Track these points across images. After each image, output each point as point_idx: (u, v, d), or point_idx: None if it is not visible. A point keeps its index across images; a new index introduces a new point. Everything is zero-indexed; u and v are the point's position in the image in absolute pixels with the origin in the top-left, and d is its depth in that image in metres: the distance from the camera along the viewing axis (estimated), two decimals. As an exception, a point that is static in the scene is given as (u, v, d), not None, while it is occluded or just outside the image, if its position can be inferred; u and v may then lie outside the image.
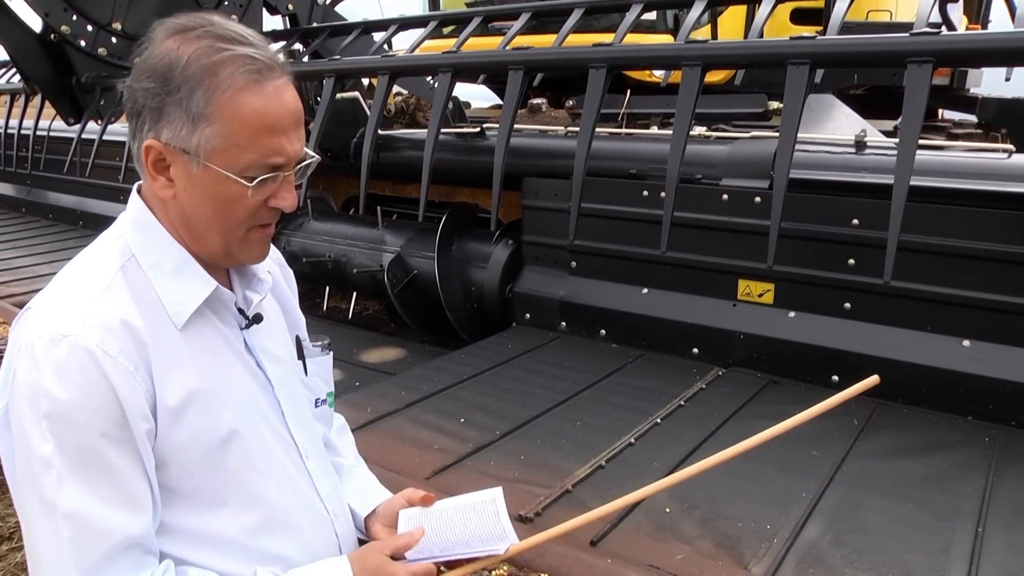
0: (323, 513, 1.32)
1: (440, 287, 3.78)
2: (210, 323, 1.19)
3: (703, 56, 2.24)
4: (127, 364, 1.05)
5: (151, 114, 1.10)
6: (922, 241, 2.61)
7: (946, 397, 2.61)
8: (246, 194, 1.11)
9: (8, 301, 4.06)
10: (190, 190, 1.12)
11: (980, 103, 4.06)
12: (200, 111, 1.07)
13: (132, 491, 1.06)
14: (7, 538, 2.65)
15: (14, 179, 6.85)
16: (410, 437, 2.48)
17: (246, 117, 1.08)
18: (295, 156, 1.15)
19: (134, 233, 1.17)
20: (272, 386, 1.26)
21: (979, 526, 1.97)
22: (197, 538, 1.14)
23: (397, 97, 4.85)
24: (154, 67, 1.09)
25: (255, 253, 1.21)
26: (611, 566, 1.79)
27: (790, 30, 4.61)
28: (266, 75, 1.09)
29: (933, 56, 2.01)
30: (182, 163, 1.10)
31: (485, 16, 3.47)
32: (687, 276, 3.17)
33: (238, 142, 1.09)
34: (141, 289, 1.13)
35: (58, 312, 1.08)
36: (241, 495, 1.18)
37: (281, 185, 1.15)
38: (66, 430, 1.01)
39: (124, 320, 1.08)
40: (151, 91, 1.09)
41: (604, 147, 3.42)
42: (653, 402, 2.70)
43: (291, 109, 1.13)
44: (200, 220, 1.14)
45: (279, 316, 1.37)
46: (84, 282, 1.12)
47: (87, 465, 1.02)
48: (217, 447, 1.15)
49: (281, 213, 1.19)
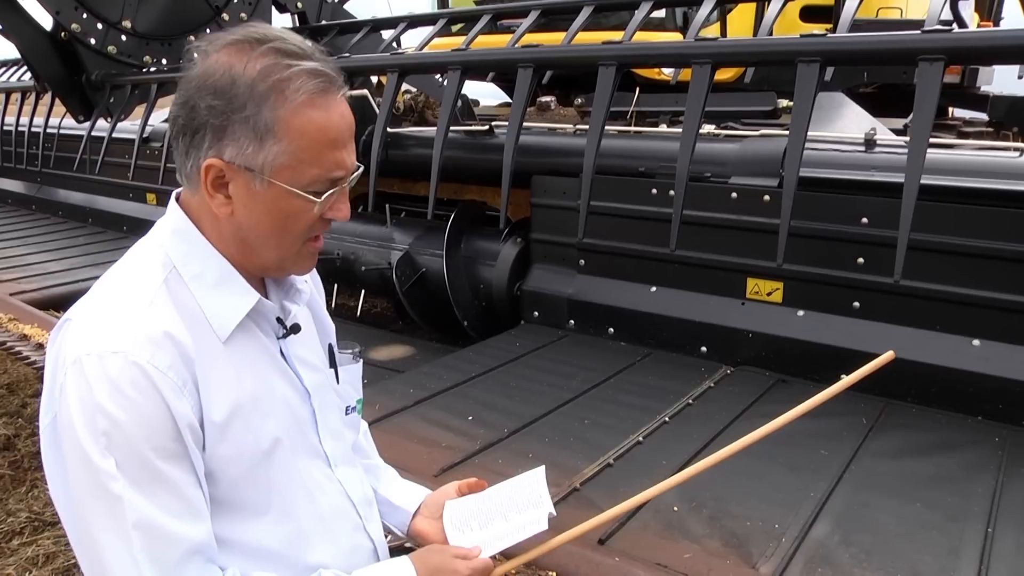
0: (355, 519, 1.33)
1: (449, 285, 3.79)
2: (251, 334, 1.19)
3: (713, 54, 2.24)
4: (176, 379, 1.06)
5: (213, 132, 1.07)
6: (932, 240, 2.60)
7: (956, 397, 2.60)
8: (310, 209, 1.11)
9: (19, 298, 4.08)
10: (250, 207, 1.11)
11: (991, 101, 4.05)
12: (268, 128, 1.06)
13: (192, 501, 1.07)
14: (18, 533, 2.66)
15: (24, 176, 6.89)
16: (418, 435, 2.49)
17: (313, 133, 1.08)
18: (352, 168, 1.15)
19: (175, 244, 1.15)
20: (309, 395, 1.27)
21: (989, 526, 1.96)
22: (242, 549, 1.16)
23: (406, 95, 4.85)
24: (216, 84, 1.06)
25: (306, 266, 1.21)
26: (619, 564, 1.79)
27: (800, 28, 4.60)
28: (329, 89, 1.09)
29: (944, 54, 2.00)
30: (244, 181, 1.09)
31: (494, 14, 3.47)
32: (696, 275, 3.16)
33: (304, 158, 1.08)
34: (184, 302, 1.12)
35: (105, 326, 1.06)
36: (281, 505, 1.19)
37: (338, 197, 1.15)
38: (125, 446, 1.02)
39: (171, 335, 1.07)
40: (215, 109, 1.06)
41: (613, 145, 3.41)
42: (661, 400, 2.70)
43: (350, 122, 1.14)
44: (258, 236, 1.13)
45: (311, 324, 1.37)
46: (128, 294, 1.11)
47: (148, 477, 1.03)
48: (261, 459, 1.16)
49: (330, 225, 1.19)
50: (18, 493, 2.91)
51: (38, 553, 2.54)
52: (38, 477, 2.99)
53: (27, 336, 3.49)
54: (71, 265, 4.94)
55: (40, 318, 3.70)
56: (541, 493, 1.38)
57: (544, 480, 1.41)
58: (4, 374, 3.54)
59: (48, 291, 4.34)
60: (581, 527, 1.37)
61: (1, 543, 2.62)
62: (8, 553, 2.56)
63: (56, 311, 3.97)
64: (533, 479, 1.41)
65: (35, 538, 2.62)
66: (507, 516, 1.35)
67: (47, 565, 2.49)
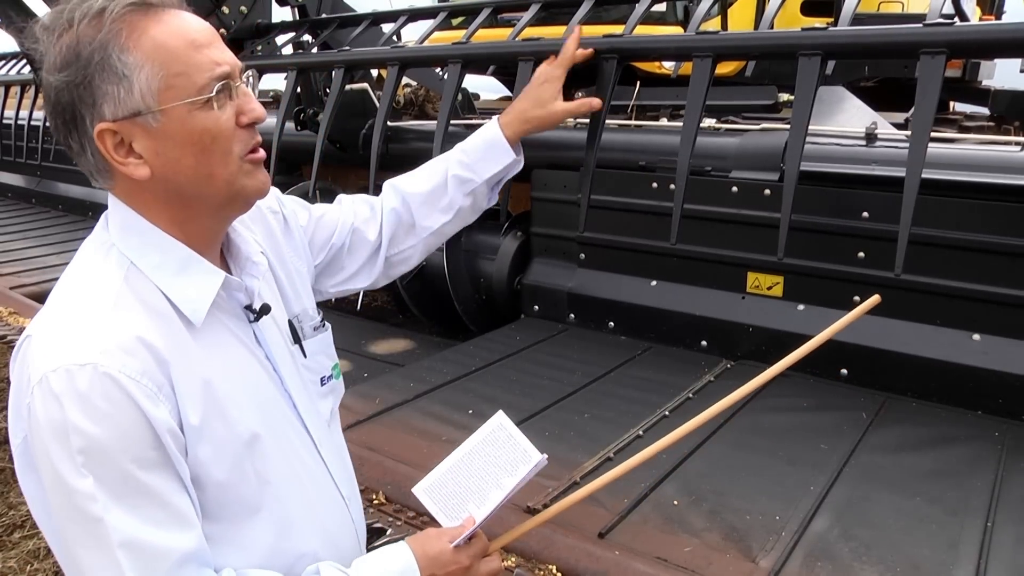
0: (339, 500, 1.31)
1: (449, 279, 3.78)
2: (219, 322, 1.15)
3: (714, 47, 2.22)
4: (151, 385, 1.01)
5: (83, 103, 1.03)
6: (933, 234, 2.60)
7: (956, 391, 2.60)
8: (217, 118, 1.05)
9: (19, 291, 4.08)
10: (163, 151, 1.05)
11: (993, 96, 4.03)
12: (124, 64, 1.01)
13: (178, 509, 1.03)
14: (19, 526, 2.67)
15: (24, 170, 6.87)
16: (418, 428, 2.49)
17: (168, 42, 1.03)
18: (236, 65, 1.08)
19: (127, 238, 1.10)
20: (282, 379, 1.24)
21: (988, 521, 1.96)
22: (236, 546, 1.13)
23: (406, 88, 4.84)
24: (60, 62, 1.02)
25: (257, 183, 1.13)
26: (619, 558, 1.79)
27: (801, 22, 4.58)
28: (158, 8, 1.04)
29: (946, 47, 1.99)
30: (140, 129, 1.03)
31: (495, 7, 3.46)
32: (696, 268, 3.16)
33: (174, 70, 1.02)
34: (149, 298, 1.07)
35: (68, 338, 1.01)
36: (270, 498, 1.16)
37: (241, 99, 1.09)
38: (103, 462, 0.98)
39: (141, 338, 1.02)
40: (71, 82, 1.02)
41: (614, 139, 3.41)
42: (661, 394, 2.70)
43: (202, 24, 1.08)
44: (188, 177, 1.07)
45: (278, 300, 1.32)
46: (89, 300, 1.05)
47: (131, 491, 0.99)
48: (244, 452, 1.12)
49: (256, 132, 1.13)
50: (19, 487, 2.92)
51: (39, 547, 2.55)
52: (39, 470, 3.00)
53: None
54: (71, 259, 4.93)
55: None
56: (525, 447, 1.32)
57: (511, 424, 1.34)
58: (4, 368, 3.54)
59: (48, 285, 4.33)
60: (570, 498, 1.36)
61: (2, 536, 2.63)
62: (10, 546, 2.57)
63: (56, 305, 3.97)
64: (503, 432, 1.35)
65: (36, 531, 2.62)
66: (500, 483, 1.31)
67: (48, 558, 2.49)
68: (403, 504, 2.05)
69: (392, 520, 1.99)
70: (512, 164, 1.69)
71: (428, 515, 1.35)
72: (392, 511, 2.03)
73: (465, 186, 1.65)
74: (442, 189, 1.65)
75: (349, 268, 1.57)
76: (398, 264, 1.64)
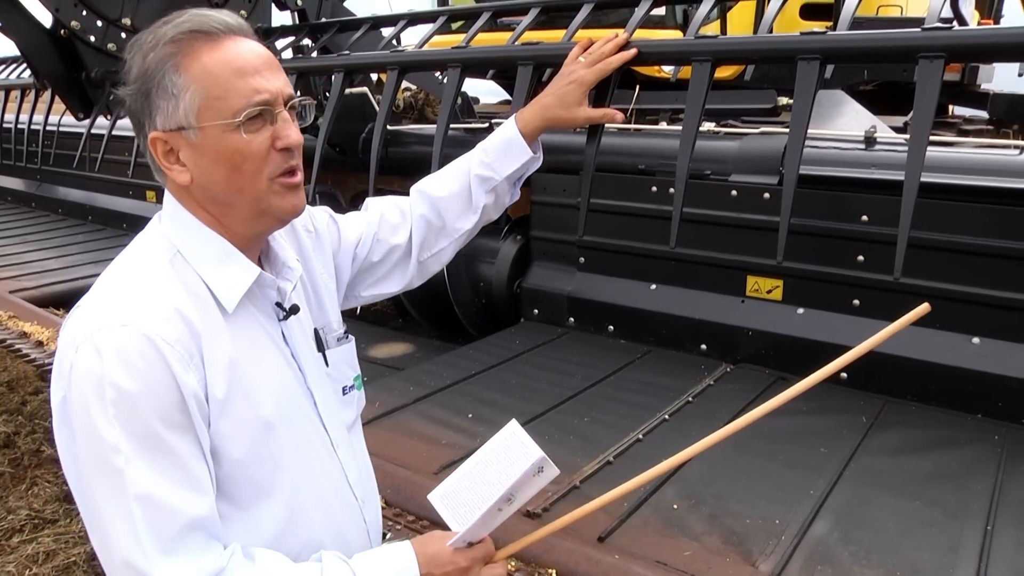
0: (351, 500, 1.35)
1: (448, 282, 3.79)
2: (251, 315, 1.23)
3: (713, 51, 2.23)
4: (183, 352, 1.10)
5: (143, 113, 1.17)
6: (932, 238, 2.60)
7: (955, 395, 2.60)
8: (248, 140, 1.15)
9: (18, 295, 4.08)
10: (201, 163, 1.16)
11: (992, 99, 4.04)
12: (175, 84, 1.13)
13: (195, 473, 1.10)
14: (18, 530, 2.66)
15: (24, 174, 6.88)
16: (418, 432, 2.49)
17: (213, 68, 1.13)
18: (279, 92, 1.18)
19: (176, 230, 1.21)
20: (304, 376, 1.30)
21: (988, 524, 1.96)
22: (246, 526, 1.18)
23: (406, 92, 4.84)
24: (130, 76, 1.18)
25: (287, 204, 1.22)
26: (619, 562, 1.79)
27: (800, 26, 4.59)
28: (220, 36, 1.16)
29: (945, 51, 1.99)
30: (183, 141, 1.15)
31: (494, 11, 3.46)
32: (696, 272, 3.16)
33: (216, 93, 1.13)
34: (189, 282, 1.17)
35: (114, 303, 1.12)
36: (283, 485, 1.22)
37: (279, 125, 1.18)
38: (131, 416, 1.06)
39: (179, 310, 1.12)
40: (136, 94, 1.17)
41: (613, 143, 3.41)
42: (661, 398, 2.70)
43: (257, 52, 1.18)
44: (221, 188, 1.17)
45: (305, 309, 1.39)
46: (135, 276, 1.17)
47: (153, 448, 1.06)
48: (262, 434, 1.18)
49: (294, 156, 1.21)
50: (18, 491, 2.91)
51: (38, 550, 2.55)
52: (38, 475, 3.00)
53: (27, 334, 3.49)
54: (71, 263, 4.94)
55: (40, 315, 3.69)
56: (530, 449, 1.32)
57: (523, 433, 1.36)
58: (4, 372, 3.54)
59: (48, 289, 4.34)
60: (570, 515, 1.36)
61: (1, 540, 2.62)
62: (8, 551, 2.56)
63: (56, 308, 3.97)
64: (512, 439, 1.36)
65: (35, 535, 2.62)
66: (502, 488, 1.30)
67: (47, 562, 2.49)
68: (403, 508, 2.05)
69: (392, 524, 1.99)
70: (530, 161, 1.71)
71: (442, 522, 1.36)
72: (392, 515, 2.03)
73: (487, 184, 1.69)
74: (467, 190, 1.69)
75: (378, 273, 1.65)
76: (431, 264, 1.70)
